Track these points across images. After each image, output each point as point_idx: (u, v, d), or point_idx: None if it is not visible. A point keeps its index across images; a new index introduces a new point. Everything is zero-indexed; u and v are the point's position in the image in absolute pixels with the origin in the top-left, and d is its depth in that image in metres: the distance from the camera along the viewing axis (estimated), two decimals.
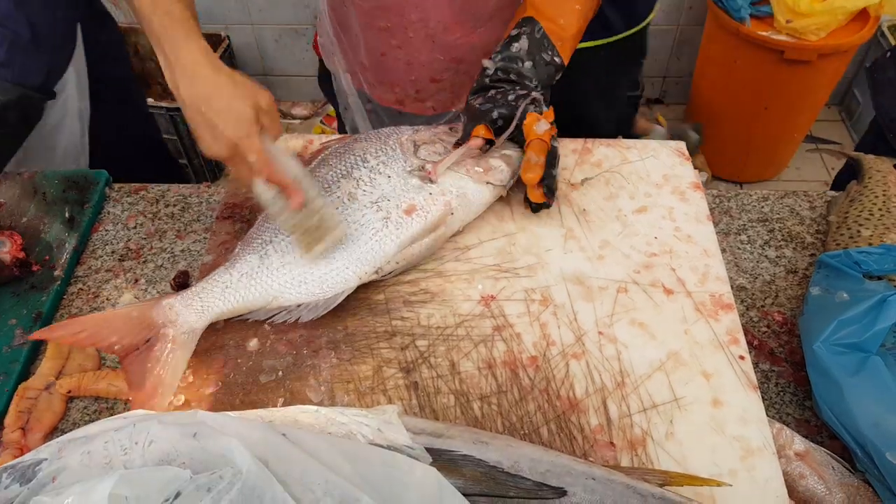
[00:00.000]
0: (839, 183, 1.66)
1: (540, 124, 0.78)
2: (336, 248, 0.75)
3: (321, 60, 1.15)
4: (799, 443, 0.69)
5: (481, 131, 0.81)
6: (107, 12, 1.36)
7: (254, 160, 0.69)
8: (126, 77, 1.44)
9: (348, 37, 1.07)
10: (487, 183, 0.81)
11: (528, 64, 0.83)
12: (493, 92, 0.83)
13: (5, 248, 0.87)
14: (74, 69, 1.17)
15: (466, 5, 0.96)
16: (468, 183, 0.80)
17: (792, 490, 0.65)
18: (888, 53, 1.38)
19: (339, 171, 0.81)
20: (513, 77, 0.83)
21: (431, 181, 0.80)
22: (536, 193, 0.79)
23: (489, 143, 0.83)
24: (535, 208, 0.83)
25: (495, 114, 0.80)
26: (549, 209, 0.84)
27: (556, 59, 0.85)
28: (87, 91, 1.21)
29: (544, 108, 0.81)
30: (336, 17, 1.05)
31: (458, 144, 0.83)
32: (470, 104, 0.84)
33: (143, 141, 1.47)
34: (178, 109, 2.08)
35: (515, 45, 0.84)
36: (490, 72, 0.84)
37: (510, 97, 0.81)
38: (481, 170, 0.81)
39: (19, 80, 0.81)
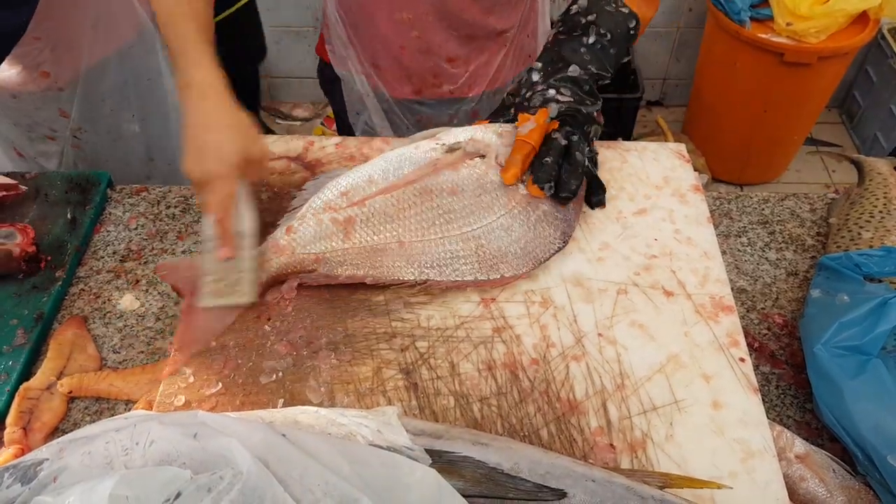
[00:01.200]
0: None
1: (525, 125, 0.78)
2: (230, 309, 0.74)
3: (327, 66, 1.16)
4: (799, 445, 0.69)
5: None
6: None
7: (214, 200, 0.72)
8: None
9: (361, 39, 1.09)
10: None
11: (591, 17, 0.82)
12: (519, 97, 0.83)
13: (16, 240, 0.86)
14: (165, 61, 1.20)
15: None
16: None
17: (792, 493, 0.66)
18: None
19: None
20: (576, 33, 0.82)
21: None
22: (533, 189, 0.78)
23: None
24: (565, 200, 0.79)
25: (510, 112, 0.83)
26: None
27: (623, 9, 0.83)
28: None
29: (544, 107, 0.80)
30: (349, 21, 1.07)
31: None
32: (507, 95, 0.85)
33: None
34: None
35: (574, 6, 0.84)
36: (553, 33, 0.84)
37: (528, 95, 0.81)
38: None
39: None
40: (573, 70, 0.80)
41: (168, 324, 0.84)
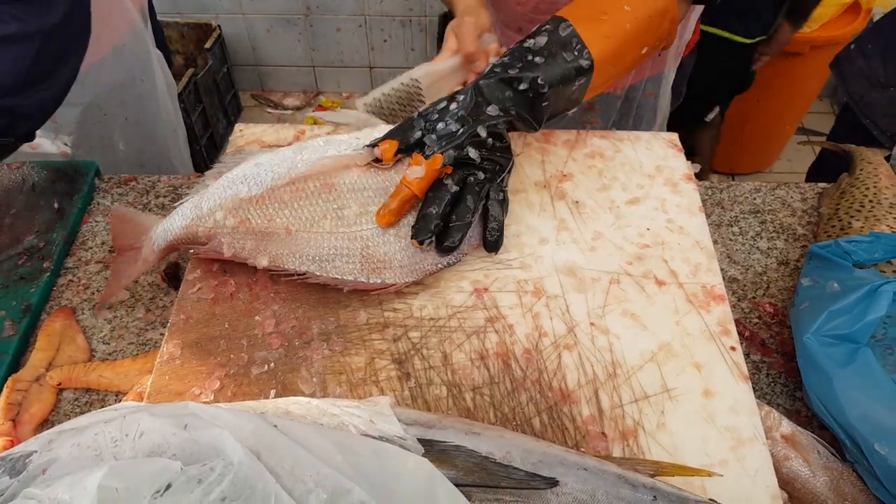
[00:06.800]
0: (812, 175, 1.68)
1: (414, 170, 0.72)
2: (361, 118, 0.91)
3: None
4: (786, 425, 0.70)
5: (386, 146, 0.74)
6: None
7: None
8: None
9: (505, 6, 1.15)
10: None
11: (538, 59, 0.75)
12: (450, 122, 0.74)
13: None
14: (157, 59, 1.24)
15: None
16: None
17: (776, 471, 0.66)
18: (852, 45, 1.43)
19: None
20: (511, 73, 0.75)
21: None
22: (415, 242, 0.72)
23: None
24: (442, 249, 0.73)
25: (416, 135, 0.74)
26: (542, 202, 0.84)
27: (583, 62, 0.76)
28: (171, 72, 1.31)
29: (443, 151, 0.72)
30: None
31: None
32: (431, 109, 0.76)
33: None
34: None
35: (530, 41, 0.77)
36: (490, 66, 0.77)
37: (451, 127, 0.73)
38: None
39: None
40: (492, 110, 0.74)
41: (158, 315, 0.84)
